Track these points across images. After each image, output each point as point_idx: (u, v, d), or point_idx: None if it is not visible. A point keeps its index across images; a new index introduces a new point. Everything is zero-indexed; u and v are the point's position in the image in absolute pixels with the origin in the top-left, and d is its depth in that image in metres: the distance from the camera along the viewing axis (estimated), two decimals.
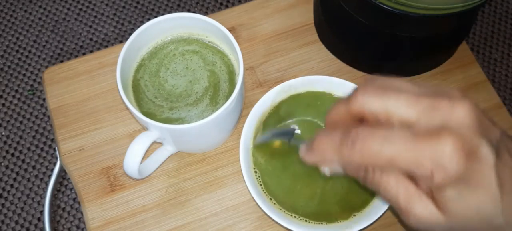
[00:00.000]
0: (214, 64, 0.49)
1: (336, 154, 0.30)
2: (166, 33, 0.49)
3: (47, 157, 1.10)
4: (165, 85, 0.48)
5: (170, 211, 0.50)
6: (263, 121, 0.48)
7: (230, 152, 0.52)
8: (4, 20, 1.24)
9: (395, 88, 0.30)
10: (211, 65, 0.48)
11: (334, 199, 0.45)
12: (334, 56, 0.57)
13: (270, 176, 0.46)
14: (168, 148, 0.49)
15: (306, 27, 0.58)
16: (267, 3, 0.59)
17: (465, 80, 0.56)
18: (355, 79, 0.55)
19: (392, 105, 0.29)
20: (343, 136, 0.29)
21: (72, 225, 1.04)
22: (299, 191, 0.46)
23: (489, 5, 1.26)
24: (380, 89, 0.30)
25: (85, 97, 0.55)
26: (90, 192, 0.51)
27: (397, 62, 0.54)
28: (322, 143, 0.31)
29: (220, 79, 0.48)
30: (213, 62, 0.49)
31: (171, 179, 0.51)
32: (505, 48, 1.22)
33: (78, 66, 0.56)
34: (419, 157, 0.27)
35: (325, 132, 0.31)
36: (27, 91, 1.16)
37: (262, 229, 0.49)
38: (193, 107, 0.47)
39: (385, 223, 0.49)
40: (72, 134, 0.53)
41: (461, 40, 0.55)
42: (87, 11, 1.25)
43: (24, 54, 1.20)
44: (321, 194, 0.45)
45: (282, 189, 0.46)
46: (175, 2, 1.26)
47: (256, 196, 0.43)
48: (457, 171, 0.27)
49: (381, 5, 0.45)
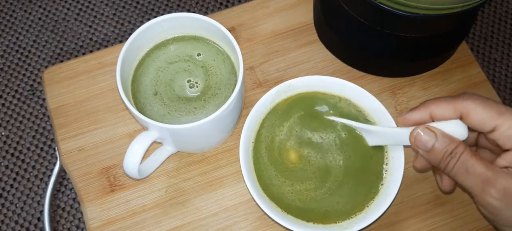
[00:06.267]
0: (214, 64, 0.49)
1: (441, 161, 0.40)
2: (166, 33, 0.49)
3: (47, 157, 1.10)
4: (165, 85, 0.48)
5: (170, 211, 0.50)
6: (263, 121, 0.48)
7: (230, 152, 0.52)
8: (4, 20, 1.24)
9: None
10: (211, 65, 0.48)
11: (334, 200, 0.45)
12: (334, 56, 0.56)
13: (270, 176, 0.46)
14: (168, 148, 0.49)
15: (306, 27, 0.58)
16: (267, 3, 0.59)
17: (465, 80, 0.56)
18: (355, 79, 0.55)
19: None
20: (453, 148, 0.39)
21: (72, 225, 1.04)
22: (299, 191, 0.46)
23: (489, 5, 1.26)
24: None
25: (85, 97, 0.55)
26: (90, 192, 0.51)
27: (397, 62, 0.54)
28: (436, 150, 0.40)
29: (220, 79, 0.48)
30: (213, 62, 0.49)
31: (171, 179, 0.51)
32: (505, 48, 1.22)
33: (78, 66, 0.56)
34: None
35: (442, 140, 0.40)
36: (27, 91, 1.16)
37: (262, 229, 0.49)
38: (193, 107, 0.47)
39: (385, 223, 0.49)
40: (72, 134, 0.53)
41: (461, 40, 0.55)
42: (87, 11, 1.25)
43: (24, 54, 1.20)
44: (321, 194, 0.45)
45: (282, 189, 0.46)
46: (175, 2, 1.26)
47: (256, 196, 0.43)
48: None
49: (381, 5, 0.45)
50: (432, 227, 0.49)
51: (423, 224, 0.49)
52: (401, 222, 0.50)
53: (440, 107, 0.41)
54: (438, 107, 0.41)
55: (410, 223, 0.49)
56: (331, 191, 0.46)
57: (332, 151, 0.47)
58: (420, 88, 0.55)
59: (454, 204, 0.50)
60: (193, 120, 0.46)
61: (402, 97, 0.55)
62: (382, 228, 0.49)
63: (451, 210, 0.50)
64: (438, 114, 0.41)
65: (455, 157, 0.39)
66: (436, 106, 0.41)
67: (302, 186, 0.46)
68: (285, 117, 0.48)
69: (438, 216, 0.50)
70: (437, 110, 0.41)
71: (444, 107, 0.41)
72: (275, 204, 0.45)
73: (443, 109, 0.41)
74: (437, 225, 0.49)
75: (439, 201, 0.50)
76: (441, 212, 0.50)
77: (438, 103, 0.41)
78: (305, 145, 0.47)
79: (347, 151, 0.47)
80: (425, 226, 0.49)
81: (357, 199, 0.45)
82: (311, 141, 0.47)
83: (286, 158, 0.47)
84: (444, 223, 0.50)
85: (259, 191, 0.45)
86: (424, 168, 0.43)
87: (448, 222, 0.50)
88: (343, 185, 0.46)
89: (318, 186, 0.46)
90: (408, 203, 0.50)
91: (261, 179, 0.46)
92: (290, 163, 0.47)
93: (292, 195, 0.45)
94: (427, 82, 0.55)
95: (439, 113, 0.41)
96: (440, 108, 0.41)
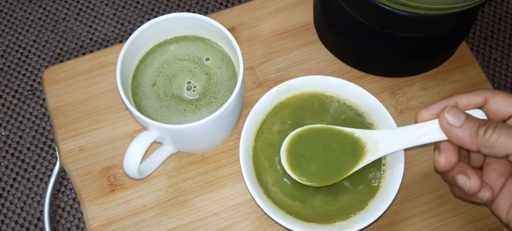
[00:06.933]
0: (214, 64, 0.49)
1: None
2: (166, 33, 0.49)
3: (47, 157, 1.10)
4: (165, 85, 0.48)
5: (170, 211, 0.50)
6: (263, 121, 0.48)
7: (230, 152, 0.52)
8: (4, 20, 1.24)
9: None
10: (215, 73, 0.48)
11: (334, 199, 0.45)
12: (334, 56, 0.56)
13: (270, 176, 0.46)
14: (168, 148, 0.49)
15: (306, 27, 0.58)
16: (267, 3, 0.59)
17: (465, 80, 0.56)
18: (355, 79, 0.55)
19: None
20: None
21: (72, 225, 1.04)
22: (299, 191, 0.46)
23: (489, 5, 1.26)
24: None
25: (85, 97, 0.55)
26: (90, 192, 0.51)
27: (397, 62, 0.54)
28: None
29: (220, 79, 0.48)
30: (218, 70, 0.49)
31: (171, 179, 0.51)
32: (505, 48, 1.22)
33: (78, 66, 0.56)
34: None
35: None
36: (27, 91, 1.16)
37: (262, 229, 0.49)
38: (193, 107, 0.47)
39: (385, 223, 0.49)
40: (72, 134, 0.53)
41: (461, 40, 0.55)
42: (87, 11, 1.25)
43: (24, 54, 1.20)
44: (321, 194, 0.45)
45: (282, 189, 0.46)
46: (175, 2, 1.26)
47: (256, 196, 0.43)
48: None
49: (381, 5, 0.45)
50: (432, 227, 0.49)
51: (423, 224, 0.49)
52: (401, 222, 0.50)
53: (463, 97, 0.41)
54: (461, 97, 0.41)
55: (410, 223, 0.49)
56: (331, 190, 0.45)
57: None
58: (420, 88, 0.55)
59: (454, 204, 0.50)
60: (182, 120, 0.46)
61: (402, 97, 0.55)
62: (382, 228, 0.49)
63: (451, 210, 0.50)
64: (463, 103, 0.41)
65: (492, 124, 0.38)
66: (459, 96, 0.42)
67: (302, 186, 0.46)
68: (285, 117, 0.48)
69: (438, 216, 0.50)
70: (462, 99, 0.41)
71: (466, 96, 0.41)
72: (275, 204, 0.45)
73: (467, 98, 0.41)
74: (437, 225, 0.49)
75: (439, 201, 0.50)
76: (441, 212, 0.50)
77: (460, 95, 0.42)
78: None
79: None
80: (425, 226, 0.49)
81: (357, 199, 0.45)
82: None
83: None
84: (444, 223, 0.50)
85: (259, 191, 0.45)
86: (449, 164, 0.41)
87: (448, 222, 0.50)
88: (343, 185, 0.46)
89: (318, 186, 0.46)
90: (408, 203, 0.50)
91: (261, 179, 0.46)
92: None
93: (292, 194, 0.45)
94: (427, 82, 0.55)
95: (464, 101, 0.41)
96: (463, 97, 0.41)
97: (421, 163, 0.52)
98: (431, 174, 0.51)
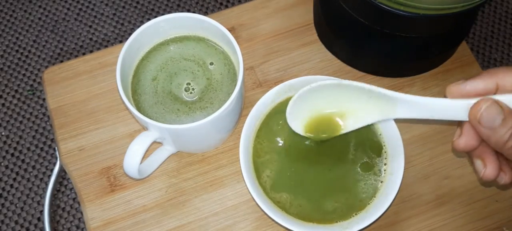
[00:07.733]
0: (214, 64, 0.49)
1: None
2: (166, 33, 0.49)
3: (47, 157, 1.10)
4: (165, 85, 0.48)
5: (170, 211, 0.50)
6: (263, 121, 0.48)
7: (230, 152, 0.52)
8: (4, 20, 1.24)
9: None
10: (214, 70, 0.48)
11: (334, 199, 0.45)
12: (334, 56, 0.56)
13: (270, 176, 0.46)
14: (168, 148, 0.49)
15: (306, 27, 0.58)
16: (267, 3, 0.59)
17: None
18: (355, 79, 0.55)
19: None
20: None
21: (72, 225, 1.04)
22: (299, 191, 0.46)
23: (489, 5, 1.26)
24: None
25: (85, 97, 0.55)
26: (90, 192, 0.51)
27: (397, 62, 0.54)
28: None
29: (219, 86, 0.48)
30: (213, 62, 0.49)
31: (171, 179, 0.51)
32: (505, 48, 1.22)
33: (78, 66, 0.56)
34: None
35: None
36: (27, 91, 1.16)
37: (262, 229, 0.49)
38: (193, 107, 0.47)
39: (385, 223, 0.49)
40: (72, 134, 0.53)
41: (461, 40, 0.55)
42: (87, 11, 1.25)
43: (24, 54, 1.20)
44: (321, 194, 0.45)
45: (282, 189, 0.46)
46: (175, 2, 1.26)
47: (256, 196, 0.43)
48: None
49: (381, 5, 0.45)
50: (432, 227, 0.49)
51: (423, 224, 0.49)
52: (401, 222, 0.50)
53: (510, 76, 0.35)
54: (507, 76, 0.35)
55: (410, 223, 0.49)
56: (331, 190, 0.45)
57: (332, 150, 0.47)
58: (420, 88, 0.55)
59: (454, 204, 0.50)
60: (176, 120, 0.46)
61: None
62: (382, 228, 0.49)
63: (451, 210, 0.50)
64: (509, 83, 0.35)
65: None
66: (505, 74, 0.35)
67: (302, 186, 0.46)
68: (285, 117, 0.48)
69: (438, 216, 0.50)
70: (508, 79, 0.35)
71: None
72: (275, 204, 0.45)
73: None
74: (437, 225, 0.49)
75: (439, 201, 0.50)
76: (441, 212, 0.50)
77: (507, 71, 0.35)
78: (305, 144, 0.47)
79: (348, 150, 0.47)
80: (425, 226, 0.49)
81: (357, 198, 0.45)
82: (311, 140, 0.47)
83: (286, 158, 0.47)
84: (444, 223, 0.50)
85: (259, 191, 0.45)
86: (468, 147, 0.38)
87: (448, 222, 0.50)
88: (343, 185, 0.46)
89: (318, 186, 0.46)
90: (408, 203, 0.50)
91: (261, 179, 0.46)
92: (290, 163, 0.46)
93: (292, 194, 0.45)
94: (427, 82, 0.55)
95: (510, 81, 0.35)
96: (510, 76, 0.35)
97: (421, 163, 0.52)
98: (431, 174, 0.51)
